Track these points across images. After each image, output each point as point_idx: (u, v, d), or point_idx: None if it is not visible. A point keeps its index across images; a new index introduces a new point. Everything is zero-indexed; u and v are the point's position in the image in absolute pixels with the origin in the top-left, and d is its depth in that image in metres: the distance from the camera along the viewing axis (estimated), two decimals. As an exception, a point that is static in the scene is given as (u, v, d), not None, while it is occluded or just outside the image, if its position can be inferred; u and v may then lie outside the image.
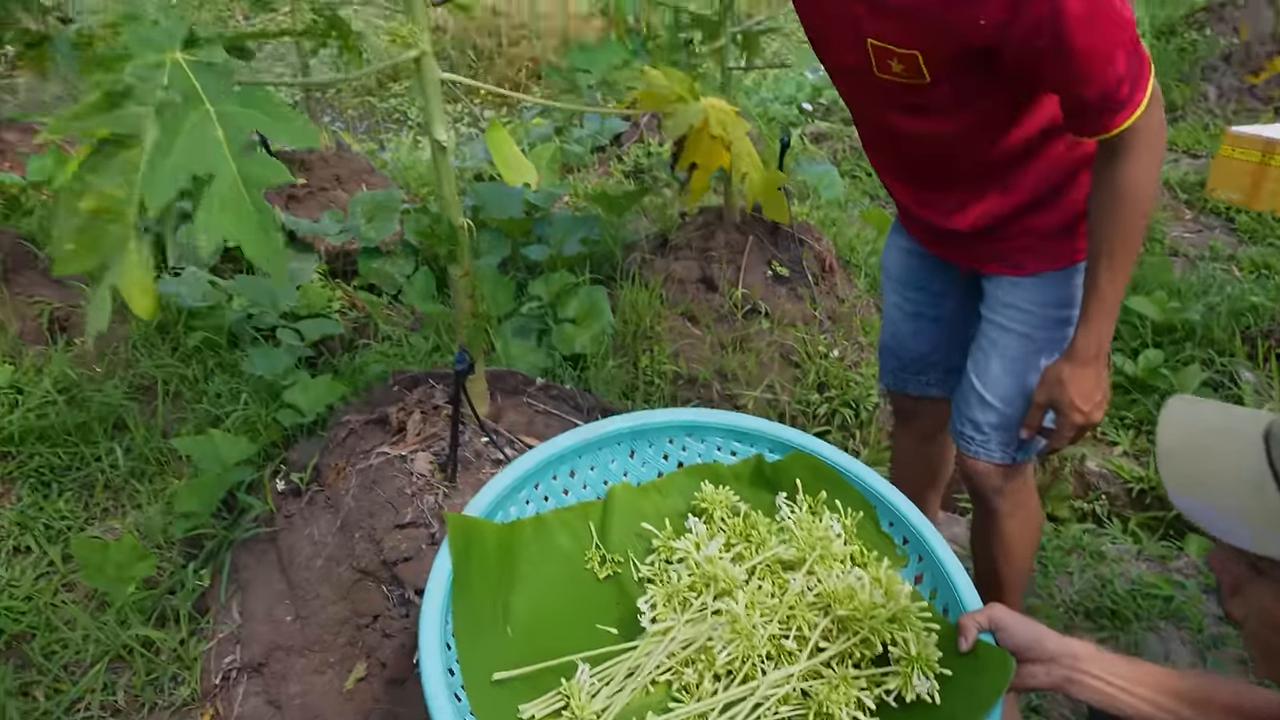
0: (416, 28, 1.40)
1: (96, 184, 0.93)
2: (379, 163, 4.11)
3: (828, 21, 1.22)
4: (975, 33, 1.04)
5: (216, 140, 0.90)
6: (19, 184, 3.54)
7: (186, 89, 0.94)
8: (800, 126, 4.66)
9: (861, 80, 1.23)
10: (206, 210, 0.87)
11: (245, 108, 0.93)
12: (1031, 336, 1.35)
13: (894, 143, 1.34)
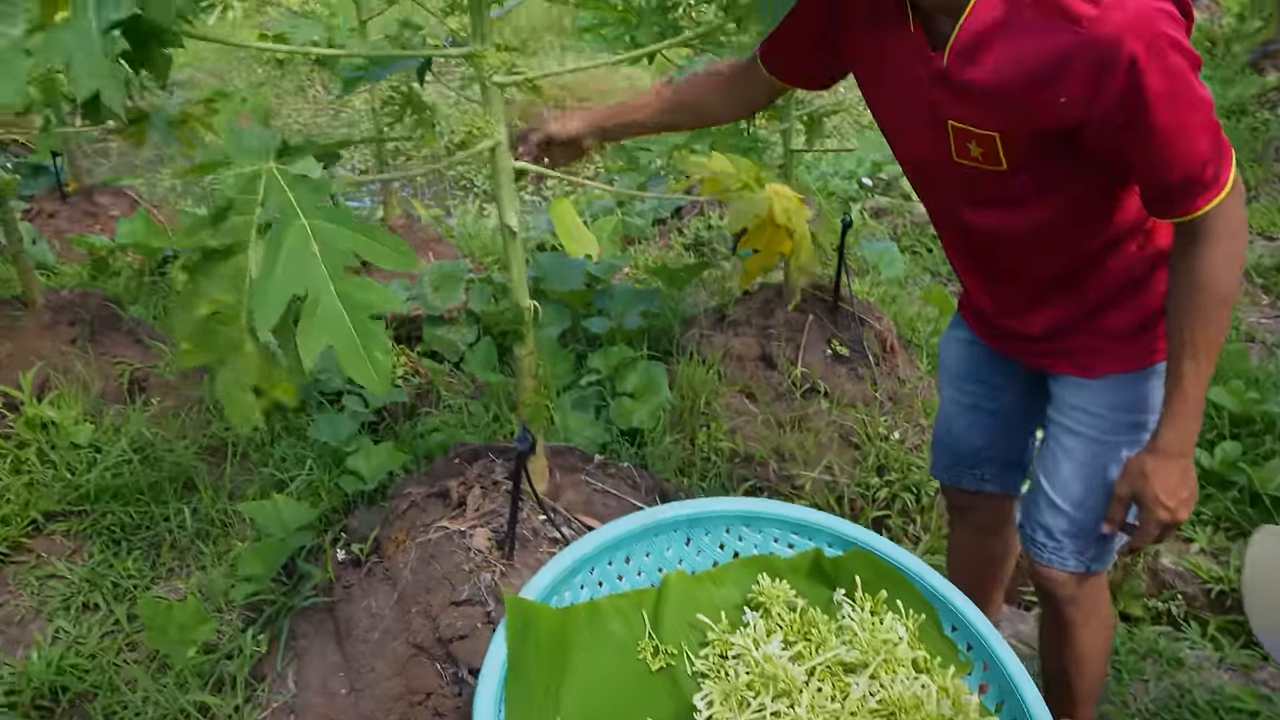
0: (493, 120, 1.46)
1: (209, 290, 0.98)
2: (445, 229, 4.24)
3: (904, 108, 1.22)
4: (1055, 112, 1.04)
5: (314, 257, 0.95)
6: (108, 246, 3.73)
7: (283, 203, 0.99)
8: (860, 201, 4.68)
9: (937, 169, 1.22)
10: (306, 329, 0.91)
11: (339, 225, 0.97)
12: (1102, 441, 1.30)
13: (967, 236, 1.32)
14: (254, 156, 1.09)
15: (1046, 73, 1.01)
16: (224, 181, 1.09)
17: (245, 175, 1.07)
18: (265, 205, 1.03)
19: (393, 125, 3.28)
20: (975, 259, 1.37)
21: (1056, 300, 1.29)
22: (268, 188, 1.05)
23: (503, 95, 1.47)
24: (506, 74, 1.45)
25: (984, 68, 1.07)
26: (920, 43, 1.14)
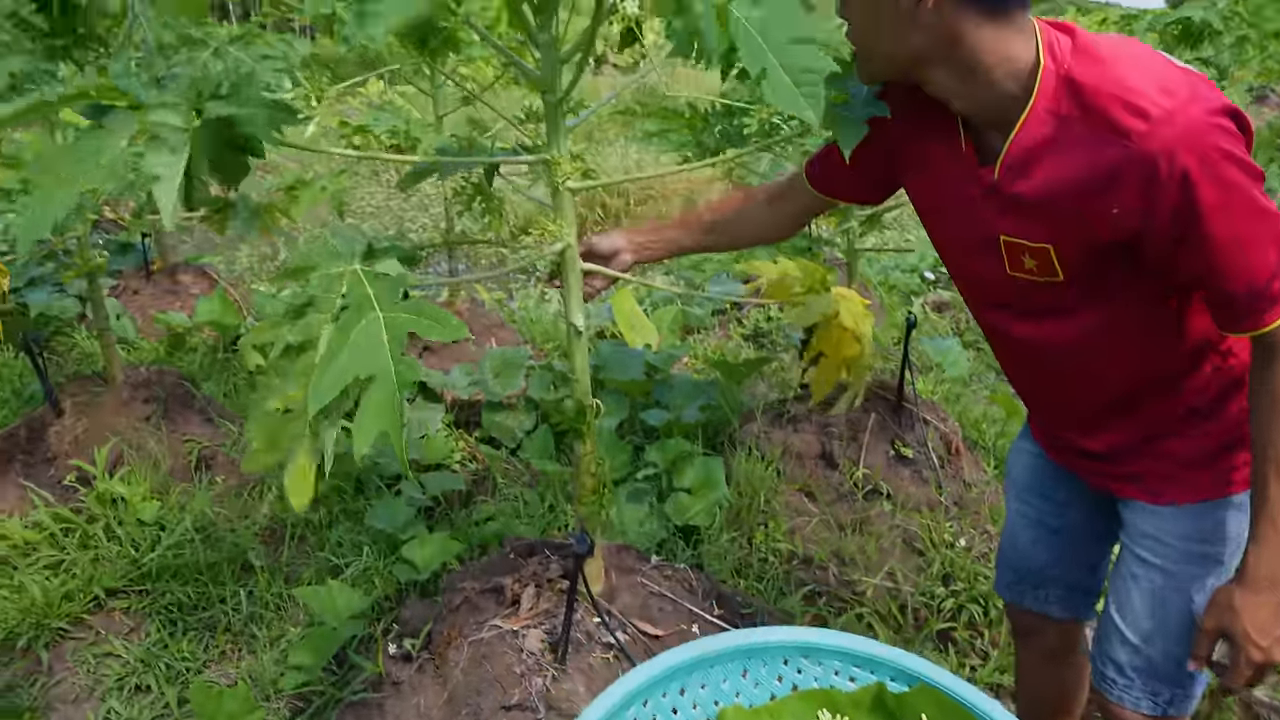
0: (564, 223, 1.49)
1: (281, 387, 1.01)
2: (507, 313, 4.31)
3: (957, 223, 1.21)
4: (1109, 224, 1.01)
5: (382, 343, 0.96)
6: (186, 324, 3.87)
7: (361, 297, 1.01)
8: (922, 295, 4.65)
9: (991, 283, 1.20)
10: (364, 412, 0.92)
11: (409, 313, 0.99)
12: (1172, 573, 1.22)
13: (1023, 348, 1.28)
14: (340, 260, 1.13)
15: (1098, 185, 1.00)
16: (309, 280, 1.12)
17: (330, 276, 1.11)
18: (345, 299, 1.06)
19: (461, 213, 3.39)
20: (1031, 371, 1.33)
21: (1121, 418, 1.23)
22: (350, 286, 1.08)
23: (574, 199, 1.50)
24: (578, 180, 1.48)
25: (1035, 181, 1.05)
26: (970, 159, 1.13)
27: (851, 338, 1.63)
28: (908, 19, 1.02)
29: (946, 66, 1.05)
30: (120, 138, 1.18)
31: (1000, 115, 1.07)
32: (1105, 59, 1.00)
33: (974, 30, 1.01)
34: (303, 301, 1.08)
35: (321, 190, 3.47)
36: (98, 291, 2.70)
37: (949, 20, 1.01)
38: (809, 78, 0.86)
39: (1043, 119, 1.03)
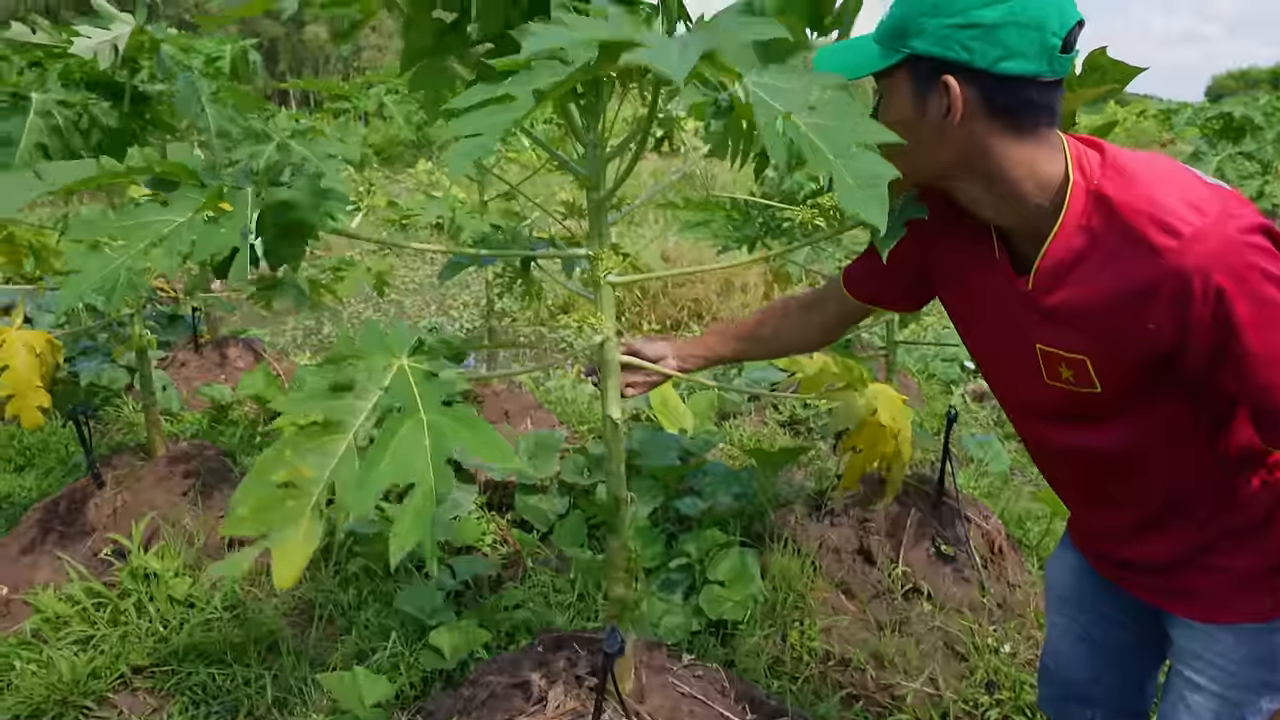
0: (605, 316, 1.50)
1: (294, 459, 1.00)
2: (542, 394, 4.33)
3: (992, 332, 1.20)
4: (1145, 337, 0.99)
5: (424, 449, 0.96)
6: (228, 398, 3.94)
7: (407, 397, 1.01)
8: (962, 384, 4.59)
9: (1028, 391, 1.18)
10: (403, 519, 0.91)
11: (454, 422, 0.99)
12: (1228, 699, 1.15)
13: (1063, 455, 1.24)
14: (388, 352, 1.13)
15: (1131, 299, 0.98)
16: (354, 366, 1.13)
17: (377, 368, 1.11)
18: (389, 393, 1.06)
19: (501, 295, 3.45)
20: (1070, 479, 1.29)
21: (1164, 530, 1.18)
22: (396, 380, 1.08)
23: (614, 292, 1.52)
24: (620, 274, 1.49)
25: (1069, 293, 1.05)
26: (1005, 267, 1.13)
27: (889, 435, 1.61)
28: (936, 132, 1.03)
29: (975, 178, 1.06)
30: (182, 213, 1.21)
31: (1030, 227, 1.07)
32: (1135, 175, 1.00)
33: (1001, 145, 1.02)
34: (342, 382, 1.07)
35: (367, 271, 3.57)
36: (146, 366, 2.76)
37: (977, 135, 1.02)
38: (873, 183, 0.87)
39: (1074, 232, 1.03)
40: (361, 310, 7.10)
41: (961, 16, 0.96)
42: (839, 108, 0.90)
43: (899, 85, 1.05)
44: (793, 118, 0.86)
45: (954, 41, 0.97)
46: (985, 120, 1.01)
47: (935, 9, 0.98)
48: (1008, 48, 0.96)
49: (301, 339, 6.22)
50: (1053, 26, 0.96)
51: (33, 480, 3.30)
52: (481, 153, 0.87)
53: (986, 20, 0.95)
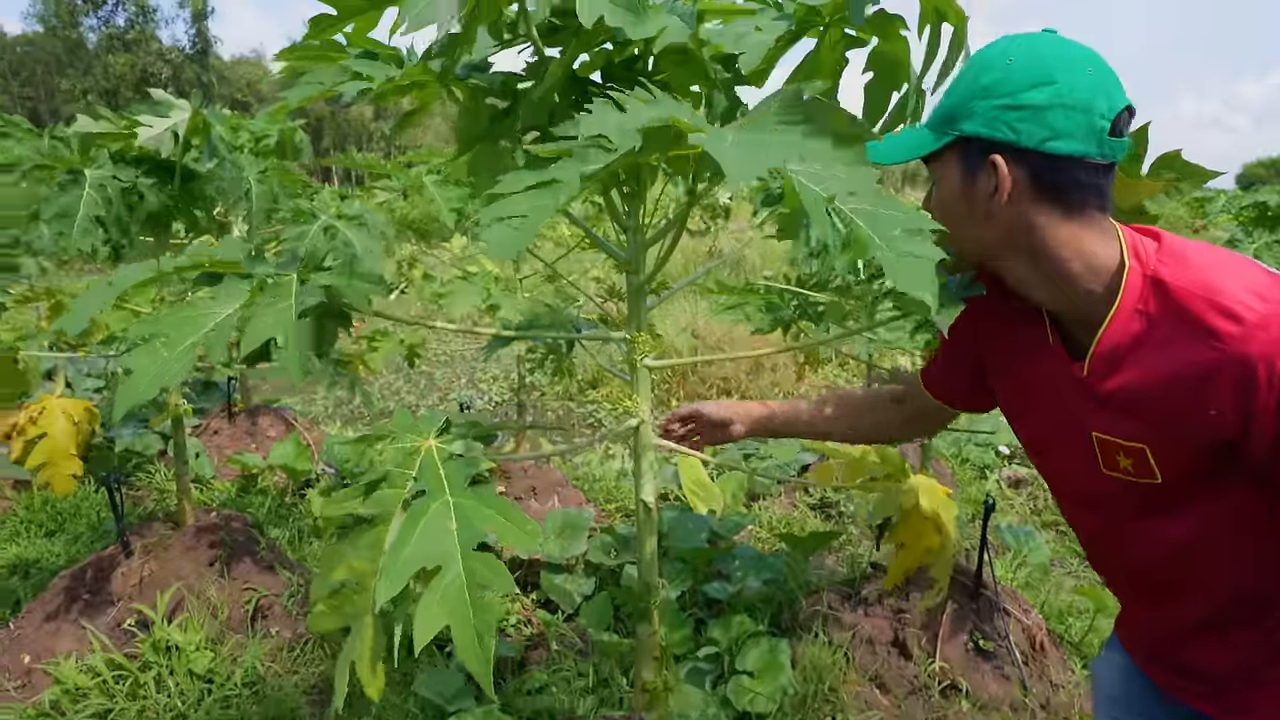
0: (641, 399, 1.49)
1: (348, 556, 1.00)
2: (570, 469, 4.30)
3: (1047, 421, 1.17)
4: (1206, 424, 0.96)
5: (449, 532, 0.95)
6: (259, 466, 3.96)
7: (433, 478, 1.01)
8: (996, 470, 4.50)
9: (1084, 481, 1.14)
10: (428, 603, 0.90)
11: (481, 504, 0.98)
12: None
13: (1119, 548, 1.19)
14: (417, 434, 1.14)
15: (1191, 386, 0.96)
16: (384, 454, 1.13)
17: (405, 450, 1.11)
18: (417, 479, 1.06)
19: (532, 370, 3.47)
20: (1124, 575, 1.23)
21: (1225, 634, 1.12)
22: (424, 463, 1.08)
23: (650, 376, 1.51)
24: (656, 358, 1.49)
25: (1126, 379, 1.02)
26: (1059, 352, 1.11)
27: (932, 528, 1.56)
28: (984, 211, 1.05)
29: (1024, 259, 1.06)
30: (230, 305, 1.24)
31: (1081, 311, 1.06)
32: (1193, 261, 0.99)
33: (1049, 225, 1.02)
34: (377, 477, 1.08)
35: (400, 343, 3.61)
36: (181, 434, 2.79)
37: (1024, 214, 1.03)
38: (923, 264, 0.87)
39: (1130, 317, 1.01)
40: (392, 381, 7.17)
41: (1009, 99, 1.00)
42: (879, 196, 0.90)
43: (949, 167, 1.08)
44: (837, 203, 0.87)
45: (1001, 122, 1.00)
46: (1032, 199, 1.02)
47: (984, 92, 1.02)
48: (1054, 128, 0.98)
49: (332, 408, 6.27)
50: (1100, 110, 0.98)
51: (62, 546, 3.31)
52: (525, 236, 0.88)
53: (1034, 102, 0.98)
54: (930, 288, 0.79)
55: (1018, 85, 0.99)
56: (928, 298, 0.78)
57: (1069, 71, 0.99)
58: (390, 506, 1.01)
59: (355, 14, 1.24)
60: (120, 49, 24.75)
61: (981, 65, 1.04)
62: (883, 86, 1.37)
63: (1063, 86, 0.98)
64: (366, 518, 1.02)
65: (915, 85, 1.35)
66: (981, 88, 1.02)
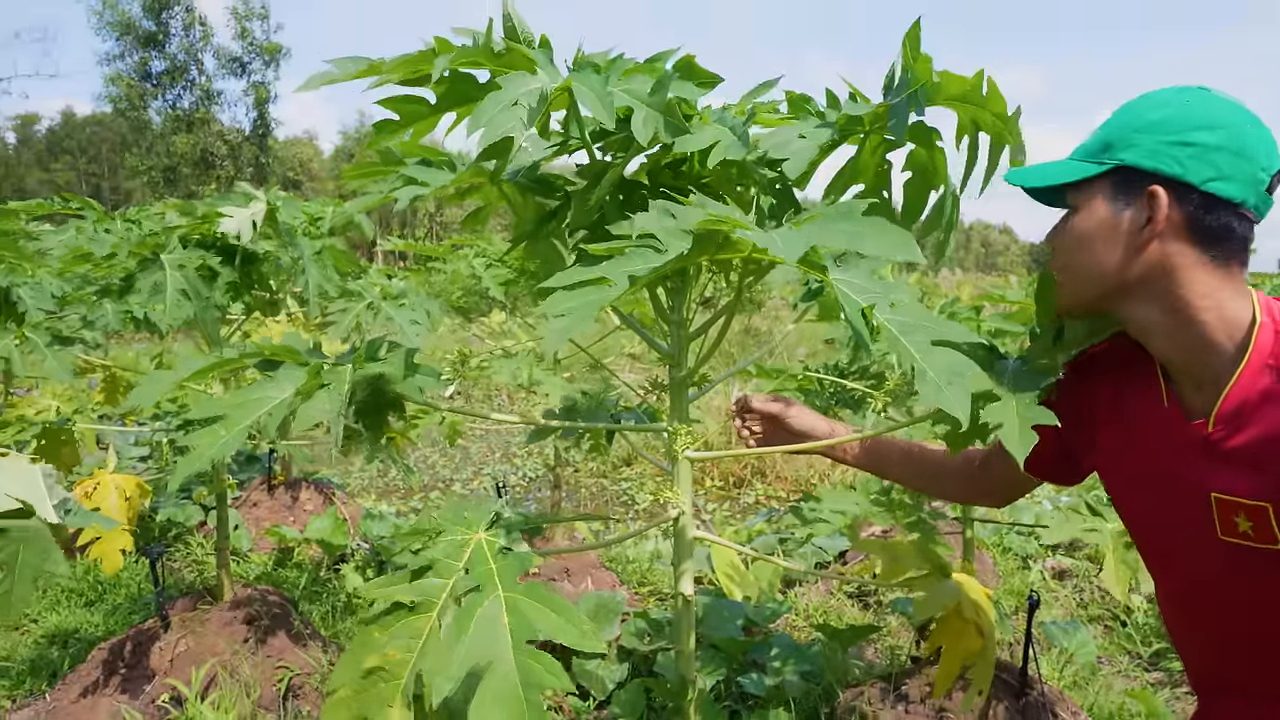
0: (681, 491, 1.50)
1: (383, 643, 1.01)
2: (603, 551, 4.28)
3: (1158, 487, 1.12)
4: None
5: (502, 628, 0.96)
6: (296, 539, 3.99)
7: (484, 572, 1.02)
8: (1039, 561, 4.38)
9: (1196, 551, 1.08)
10: (480, 702, 0.90)
11: (533, 600, 0.99)
12: None
13: (1220, 619, 1.12)
14: (467, 527, 1.15)
15: None
16: (433, 544, 1.15)
17: (456, 543, 1.13)
18: (469, 573, 1.07)
19: (568, 449, 3.47)
20: (1227, 657, 1.15)
21: None
22: (474, 557, 1.10)
23: (691, 468, 1.52)
24: (698, 449, 1.50)
25: (1254, 434, 1.00)
26: (1176, 415, 1.08)
27: (974, 629, 1.53)
28: (1129, 244, 1.04)
29: (1155, 303, 1.05)
30: (286, 389, 1.29)
31: (1201, 365, 1.04)
32: None
33: (1190, 267, 1.02)
34: (424, 565, 1.10)
35: (441, 422, 3.66)
36: (224, 509, 2.84)
37: (1170, 254, 1.02)
38: (955, 377, 0.88)
39: (1260, 372, 1.00)
40: (428, 454, 7.22)
41: (1179, 135, 1.00)
42: (917, 309, 0.93)
43: (1097, 196, 1.07)
44: (874, 312, 0.90)
45: (1167, 156, 1.01)
46: (1183, 240, 1.01)
47: (1152, 127, 1.02)
48: (1219, 169, 0.99)
49: (369, 481, 6.32)
50: (1262, 162, 1.00)
51: (101, 617, 3.34)
52: (574, 331, 0.92)
53: (1204, 141, 0.99)
54: (962, 404, 0.81)
55: (1189, 124, 1.00)
56: (959, 413, 0.80)
57: (1236, 122, 1.00)
58: (435, 596, 1.02)
59: (417, 119, 1.31)
60: (183, 129, 25.99)
61: (1149, 103, 1.05)
62: (920, 187, 1.41)
63: (1233, 132, 0.99)
64: (407, 604, 1.03)
65: (961, 186, 1.38)
66: (1148, 122, 1.03)
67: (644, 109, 1.14)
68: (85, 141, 60.37)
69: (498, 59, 1.17)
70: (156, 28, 25.09)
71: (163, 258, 2.28)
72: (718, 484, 6.40)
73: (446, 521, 1.14)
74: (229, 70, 26.42)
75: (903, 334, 0.91)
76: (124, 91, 25.26)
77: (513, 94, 1.10)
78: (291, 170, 38.47)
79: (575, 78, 1.10)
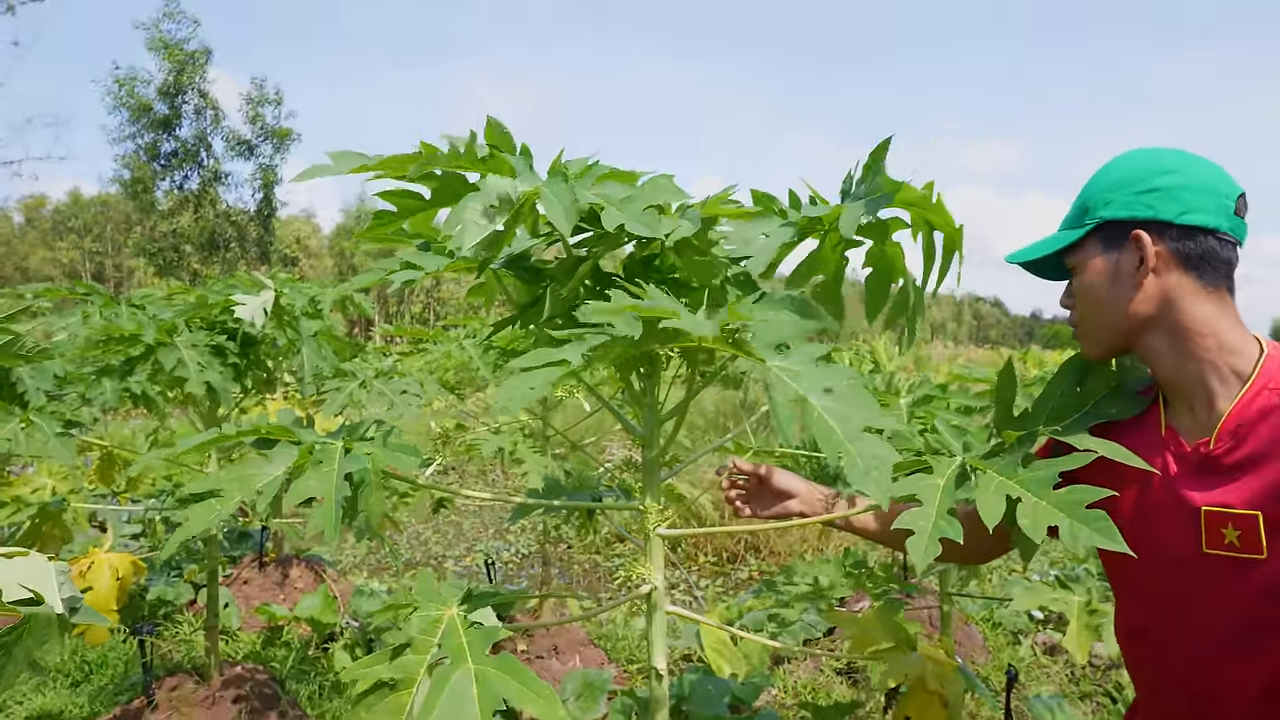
0: (653, 566, 1.56)
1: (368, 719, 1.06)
2: (594, 627, 4.27)
3: (1145, 508, 1.18)
4: None
5: (471, 700, 1.02)
6: (286, 617, 3.99)
7: (455, 646, 1.09)
8: (1030, 635, 4.38)
9: (1175, 565, 1.14)
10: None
11: (501, 671, 1.05)
12: None
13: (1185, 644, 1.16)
14: (440, 602, 1.22)
15: None
16: (409, 621, 1.21)
17: (430, 619, 1.19)
18: (440, 646, 1.13)
19: (558, 526, 3.52)
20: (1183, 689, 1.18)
21: None
22: (447, 631, 1.16)
23: (664, 545, 1.59)
24: (669, 527, 1.57)
25: (1251, 448, 1.08)
26: (1172, 439, 1.17)
27: (938, 702, 1.58)
28: (1129, 283, 1.16)
29: (1162, 330, 1.16)
30: (280, 466, 1.37)
31: (1200, 385, 1.14)
32: None
33: (1187, 296, 1.14)
34: (402, 643, 1.16)
35: (430, 496, 3.71)
36: (215, 587, 2.87)
37: (1168, 286, 1.14)
38: (878, 464, 0.96)
39: (1260, 393, 1.09)
40: (421, 531, 7.21)
41: (1143, 184, 1.15)
42: (854, 395, 1.01)
43: (1091, 253, 1.21)
44: (809, 399, 0.98)
45: (1139, 204, 1.15)
46: (1175, 270, 1.14)
47: (1118, 185, 1.18)
48: (1186, 203, 1.13)
49: (360, 559, 6.31)
50: (1224, 190, 1.13)
51: (86, 699, 3.33)
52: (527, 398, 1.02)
53: (1165, 184, 1.14)
54: (881, 490, 0.89)
55: (1149, 173, 1.15)
56: (878, 497, 0.88)
57: (1188, 163, 1.15)
58: (413, 672, 1.08)
59: (413, 212, 1.43)
60: (189, 209, 26.51)
61: (1110, 168, 1.21)
62: (880, 281, 1.52)
63: (1188, 172, 1.14)
64: (388, 682, 1.09)
65: (922, 282, 1.48)
66: (1113, 181, 1.18)
67: (612, 208, 1.25)
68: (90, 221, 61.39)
69: (482, 163, 1.28)
70: (170, 111, 25.79)
71: (176, 340, 2.40)
72: (711, 559, 6.39)
73: (422, 598, 1.20)
74: (238, 153, 27.05)
75: (836, 421, 0.99)
76: (134, 173, 25.85)
77: (490, 196, 1.22)
78: (289, 248, 39.13)
79: (545, 185, 1.21)
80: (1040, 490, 1.10)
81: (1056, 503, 1.08)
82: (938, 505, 1.12)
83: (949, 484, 1.17)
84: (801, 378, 0.98)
